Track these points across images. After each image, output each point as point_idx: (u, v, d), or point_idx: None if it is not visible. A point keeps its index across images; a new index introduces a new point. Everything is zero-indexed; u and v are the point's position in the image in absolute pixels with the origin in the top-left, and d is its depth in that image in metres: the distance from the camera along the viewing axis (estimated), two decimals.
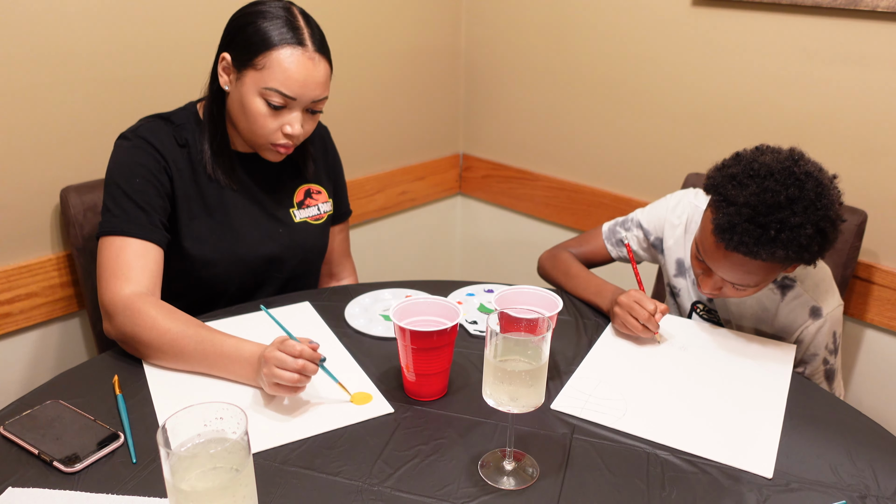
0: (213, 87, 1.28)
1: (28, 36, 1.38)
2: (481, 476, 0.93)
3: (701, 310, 1.42)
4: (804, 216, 1.07)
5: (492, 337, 0.87)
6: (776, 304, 1.30)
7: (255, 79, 1.19)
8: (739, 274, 1.16)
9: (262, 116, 1.21)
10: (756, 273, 1.15)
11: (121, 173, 1.23)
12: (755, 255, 1.10)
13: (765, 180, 1.10)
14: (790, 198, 1.08)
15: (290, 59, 1.18)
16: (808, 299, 1.28)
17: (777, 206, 1.08)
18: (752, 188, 1.10)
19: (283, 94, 1.19)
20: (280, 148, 1.26)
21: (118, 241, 1.18)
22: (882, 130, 1.56)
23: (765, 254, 1.09)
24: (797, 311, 1.29)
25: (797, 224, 1.07)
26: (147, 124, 1.28)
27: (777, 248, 1.08)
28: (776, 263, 1.13)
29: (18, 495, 0.86)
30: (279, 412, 1.03)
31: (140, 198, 1.21)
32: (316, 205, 1.43)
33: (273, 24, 1.18)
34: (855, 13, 1.53)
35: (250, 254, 1.34)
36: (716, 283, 1.21)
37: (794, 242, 1.08)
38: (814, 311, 1.28)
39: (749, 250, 1.09)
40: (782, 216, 1.07)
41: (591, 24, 1.97)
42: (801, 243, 1.08)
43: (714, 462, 0.97)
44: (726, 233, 1.11)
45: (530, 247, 2.32)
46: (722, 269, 1.17)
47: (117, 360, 1.14)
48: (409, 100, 2.19)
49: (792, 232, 1.07)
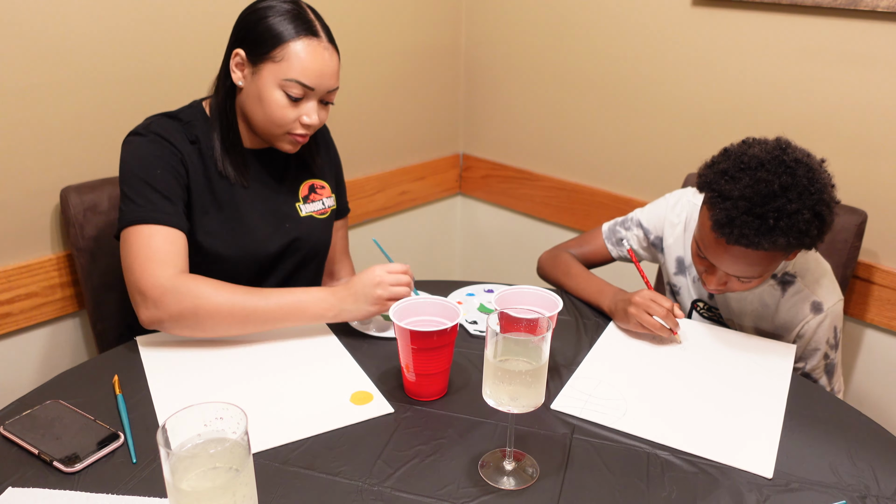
0: (226, 84, 1.29)
1: (28, 36, 1.38)
2: (481, 476, 0.93)
3: (702, 307, 1.42)
4: (800, 202, 1.09)
5: (492, 337, 0.87)
6: (777, 300, 1.31)
7: (273, 71, 1.21)
8: (743, 266, 1.16)
9: (282, 108, 1.24)
10: (759, 263, 1.16)
11: (140, 166, 1.23)
12: (757, 245, 1.10)
13: (756, 171, 1.11)
14: (784, 185, 1.09)
15: (307, 49, 1.21)
16: (809, 294, 1.29)
17: (772, 195, 1.09)
18: (745, 181, 1.11)
19: (303, 85, 1.22)
20: (298, 137, 1.28)
21: (146, 230, 1.19)
22: (882, 130, 1.56)
23: (766, 243, 1.10)
24: (798, 306, 1.29)
25: (794, 210, 1.09)
26: (157, 121, 1.29)
27: (777, 235, 1.09)
28: (778, 252, 1.14)
29: (18, 495, 0.86)
30: (279, 412, 1.03)
31: (162, 187, 1.22)
32: (321, 199, 1.45)
33: (286, 18, 1.22)
34: (855, 13, 1.53)
35: (259, 249, 1.35)
36: (720, 278, 1.22)
37: (794, 228, 1.09)
38: (815, 305, 1.28)
39: (750, 242, 1.10)
40: (779, 204, 1.09)
41: (591, 24, 1.97)
42: (800, 228, 1.09)
43: (714, 462, 0.97)
44: (725, 227, 1.11)
45: (530, 247, 2.32)
46: (725, 264, 1.18)
47: (117, 360, 1.15)
48: (409, 100, 2.19)
49: (790, 219, 1.09)
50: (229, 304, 1.15)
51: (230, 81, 1.27)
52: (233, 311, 1.16)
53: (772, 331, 1.34)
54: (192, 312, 1.14)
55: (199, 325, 1.16)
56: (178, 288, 1.14)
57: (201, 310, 1.14)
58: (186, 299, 1.14)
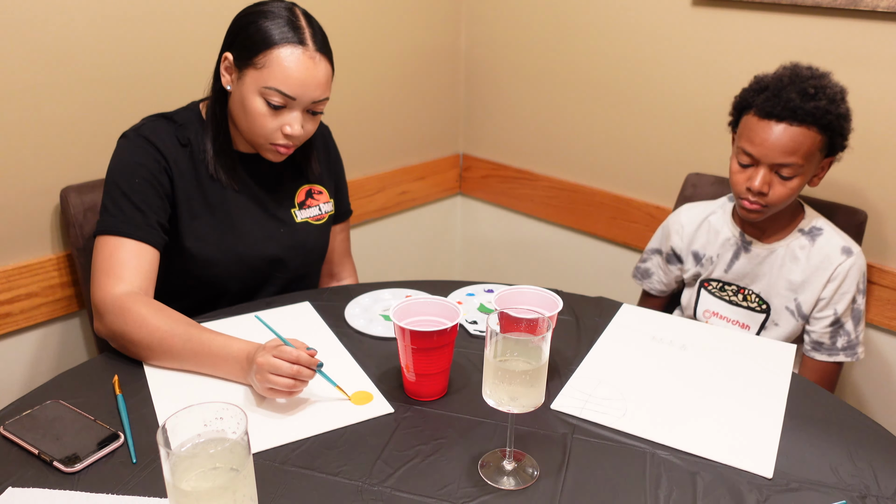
0: (216, 87, 1.28)
1: (28, 36, 1.38)
2: (481, 476, 0.93)
3: (713, 287, 1.51)
4: (826, 79, 1.31)
5: (492, 337, 0.87)
6: (808, 250, 1.41)
7: (255, 78, 1.19)
8: (788, 145, 1.28)
9: (262, 116, 1.21)
10: (800, 147, 1.28)
11: (120, 173, 1.23)
12: (803, 114, 1.26)
13: (787, 69, 1.33)
14: (813, 73, 1.31)
15: (290, 58, 1.18)
16: (840, 240, 1.40)
17: (808, 76, 1.30)
18: (780, 71, 1.34)
19: (283, 94, 1.19)
20: (280, 148, 1.26)
21: (113, 241, 1.18)
22: (882, 130, 1.56)
23: (811, 109, 1.26)
24: (829, 250, 1.40)
25: (826, 85, 1.29)
26: (149, 124, 1.28)
27: (819, 100, 1.26)
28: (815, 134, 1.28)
29: (18, 495, 0.86)
30: (279, 412, 1.03)
31: (138, 198, 1.21)
32: (317, 205, 1.43)
33: (274, 24, 1.18)
34: (855, 13, 1.53)
35: (251, 254, 1.34)
36: (764, 177, 1.31)
37: (830, 99, 1.27)
38: (845, 249, 1.39)
39: (797, 109, 1.26)
40: (814, 81, 1.29)
41: (591, 25, 1.97)
42: (835, 99, 1.28)
43: (714, 462, 0.97)
44: (774, 103, 1.28)
45: (530, 247, 2.32)
46: (769, 147, 1.29)
47: (117, 360, 1.14)
48: (409, 100, 2.19)
49: (824, 91, 1.28)
50: (156, 335, 1.09)
51: (220, 85, 1.26)
52: (151, 344, 1.10)
53: (801, 281, 1.41)
54: (121, 334, 1.12)
55: (128, 350, 1.13)
56: (120, 306, 1.12)
57: (129, 335, 1.11)
58: (119, 320, 1.11)
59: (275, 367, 0.99)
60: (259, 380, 1.01)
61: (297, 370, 0.99)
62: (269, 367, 0.99)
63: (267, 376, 0.99)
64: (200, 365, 1.09)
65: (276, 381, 0.99)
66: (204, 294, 1.35)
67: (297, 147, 1.31)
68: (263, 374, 1.00)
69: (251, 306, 1.32)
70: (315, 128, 1.29)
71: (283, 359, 0.99)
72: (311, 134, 1.29)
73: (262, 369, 1.00)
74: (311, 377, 1.01)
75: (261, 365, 1.00)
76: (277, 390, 1.01)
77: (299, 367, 0.99)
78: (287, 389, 1.00)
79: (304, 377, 1.00)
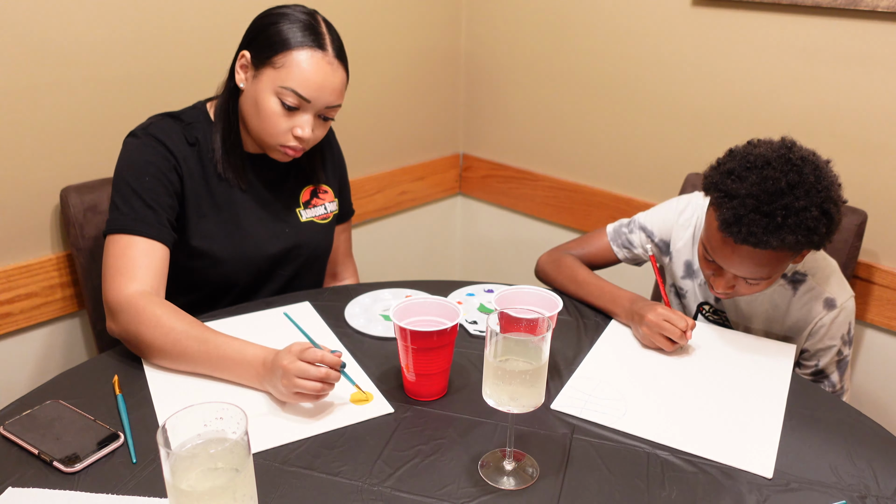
0: (230, 85, 1.28)
1: (28, 36, 1.38)
2: (481, 476, 0.93)
3: (707, 310, 1.41)
4: (807, 199, 1.08)
5: (492, 337, 0.87)
6: (788, 299, 1.31)
7: (272, 77, 1.20)
8: (751, 267, 1.16)
9: (275, 116, 1.22)
10: (767, 264, 1.15)
11: (130, 171, 1.23)
12: (765, 244, 1.09)
13: (763, 170, 1.11)
14: (791, 183, 1.09)
15: (309, 60, 1.19)
16: (822, 291, 1.29)
17: (779, 193, 1.09)
18: (751, 179, 1.11)
19: (299, 95, 1.20)
20: (288, 150, 1.26)
21: (125, 240, 1.18)
22: (882, 130, 1.56)
23: (775, 241, 1.09)
24: (811, 303, 1.29)
25: (802, 207, 1.08)
26: (157, 122, 1.28)
27: (786, 233, 1.08)
28: (786, 252, 1.13)
29: (18, 495, 0.86)
30: (279, 412, 1.03)
31: (149, 196, 1.21)
32: (322, 204, 1.44)
33: (296, 26, 1.20)
34: (855, 13, 1.53)
35: (257, 252, 1.34)
36: (728, 281, 1.21)
37: (802, 226, 1.08)
38: (828, 302, 1.28)
39: (759, 240, 1.09)
40: (786, 202, 1.08)
41: (591, 25, 1.97)
42: (808, 226, 1.09)
43: (714, 462, 0.97)
44: (733, 226, 1.11)
45: (530, 247, 2.32)
46: (733, 265, 1.17)
47: (117, 360, 1.14)
48: (409, 100, 2.19)
49: (798, 216, 1.08)
50: (170, 336, 1.08)
51: (233, 83, 1.27)
52: (164, 346, 1.09)
53: (782, 333, 1.33)
54: (135, 335, 1.11)
55: (140, 350, 1.12)
56: (133, 306, 1.11)
57: (143, 336, 1.10)
58: (134, 321, 1.11)
59: (303, 371, 0.97)
60: (285, 385, 0.99)
61: (326, 373, 0.98)
62: (297, 371, 0.97)
63: (294, 380, 0.98)
64: (214, 369, 1.08)
65: (303, 386, 0.98)
66: (207, 292, 1.36)
67: (304, 151, 1.31)
68: (290, 378, 0.98)
69: (251, 306, 1.32)
70: (324, 133, 1.30)
71: (308, 361, 0.98)
72: (319, 139, 1.30)
73: (289, 373, 0.98)
74: (337, 380, 1.01)
75: (287, 369, 0.98)
76: (304, 394, 1.00)
77: (327, 370, 0.98)
78: (315, 393, 0.99)
79: (331, 380, 0.99)
